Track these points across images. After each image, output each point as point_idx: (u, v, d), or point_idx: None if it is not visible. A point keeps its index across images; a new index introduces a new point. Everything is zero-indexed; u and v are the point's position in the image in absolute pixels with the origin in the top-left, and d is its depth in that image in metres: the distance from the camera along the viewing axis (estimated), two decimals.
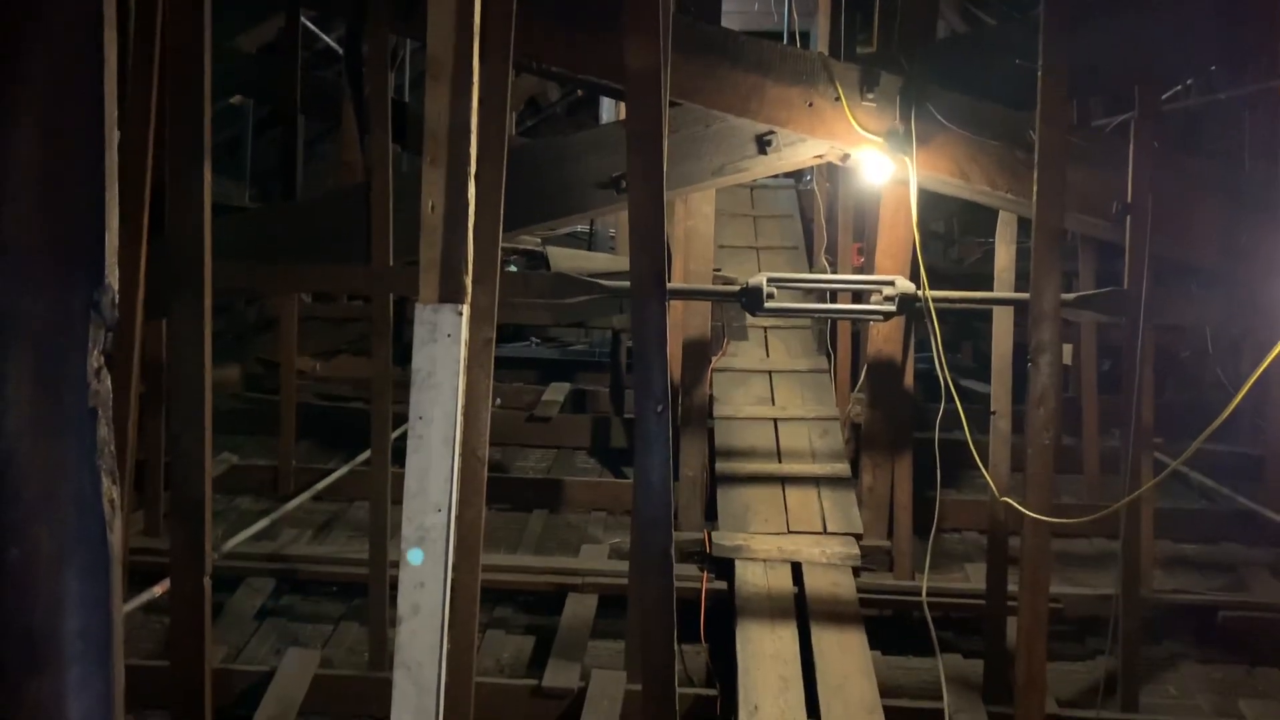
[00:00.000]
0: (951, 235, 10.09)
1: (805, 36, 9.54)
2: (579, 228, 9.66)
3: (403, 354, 5.69)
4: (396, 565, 3.08)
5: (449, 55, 3.11)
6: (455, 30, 3.10)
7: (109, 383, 0.92)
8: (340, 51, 8.54)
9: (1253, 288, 4.07)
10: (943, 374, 3.81)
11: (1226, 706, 4.17)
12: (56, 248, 0.89)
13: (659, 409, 2.76)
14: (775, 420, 5.71)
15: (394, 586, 3.25)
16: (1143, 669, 4.21)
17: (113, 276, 0.88)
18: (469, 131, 3.13)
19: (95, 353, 0.89)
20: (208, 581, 2.53)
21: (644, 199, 2.94)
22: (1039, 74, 3.18)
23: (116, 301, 0.90)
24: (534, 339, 10.08)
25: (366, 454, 5.62)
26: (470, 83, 3.11)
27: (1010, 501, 3.31)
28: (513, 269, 8.94)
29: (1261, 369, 3.01)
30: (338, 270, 4.60)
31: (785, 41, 9.81)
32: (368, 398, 7.13)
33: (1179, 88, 7.37)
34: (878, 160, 4.20)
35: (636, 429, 2.91)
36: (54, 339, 0.89)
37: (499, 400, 7.96)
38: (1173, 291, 4.36)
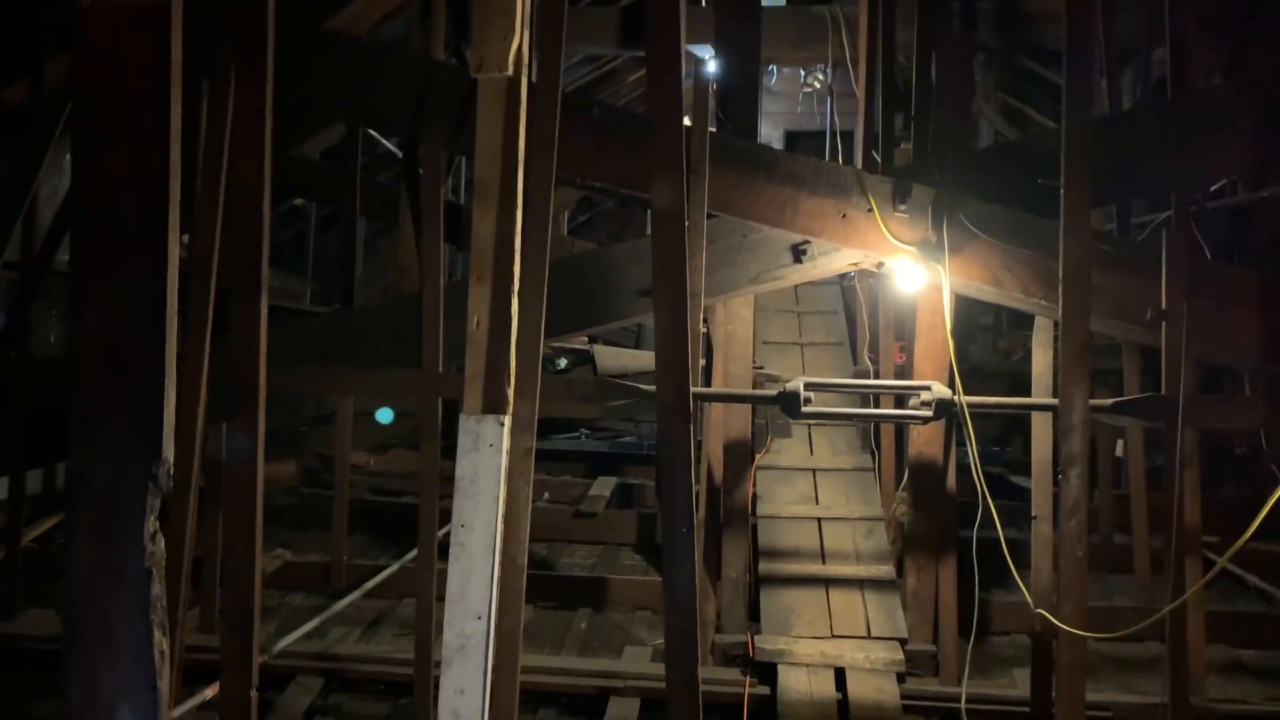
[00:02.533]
0: (1000, 327, 10.11)
1: (848, 136, 9.74)
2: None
3: (452, 448, 5.84)
4: (440, 666, 3.15)
5: (495, 180, 3.30)
6: (501, 157, 3.30)
7: (163, 545, 1.04)
8: (399, 154, 8.92)
9: None
10: (979, 481, 3.84)
11: None
12: (123, 427, 1.02)
13: (684, 530, 2.83)
14: (819, 520, 5.72)
15: (439, 687, 3.32)
16: None
17: (169, 451, 1.01)
18: (513, 251, 3.30)
19: (152, 518, 1.01)
20: (254, 694, 2.63)
21: (669, 326, 3.06)
22: (1061, 192, 3.27)
23: (171, 473, 1.02)
24: (584, 431, 10.22)
25: (415, 551, 5.73)
26: (514, 206, 3.30)
27: (1044, 614, 3.31)
28: (562, 364, 9.12)
29: None
30: (390, 375, 4.76)
31: (828, 140, 10.05)
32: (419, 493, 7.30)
33: (1224, 182, 7.40)
34: (911, 268, 4.30)
35: (664, 547, 2.98)
36: (118, 505, 1.02)
37: (546, 494, 8.06)
38: (1213, 395, 4.35)
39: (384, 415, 7.15)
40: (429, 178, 4.59)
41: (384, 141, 9.86)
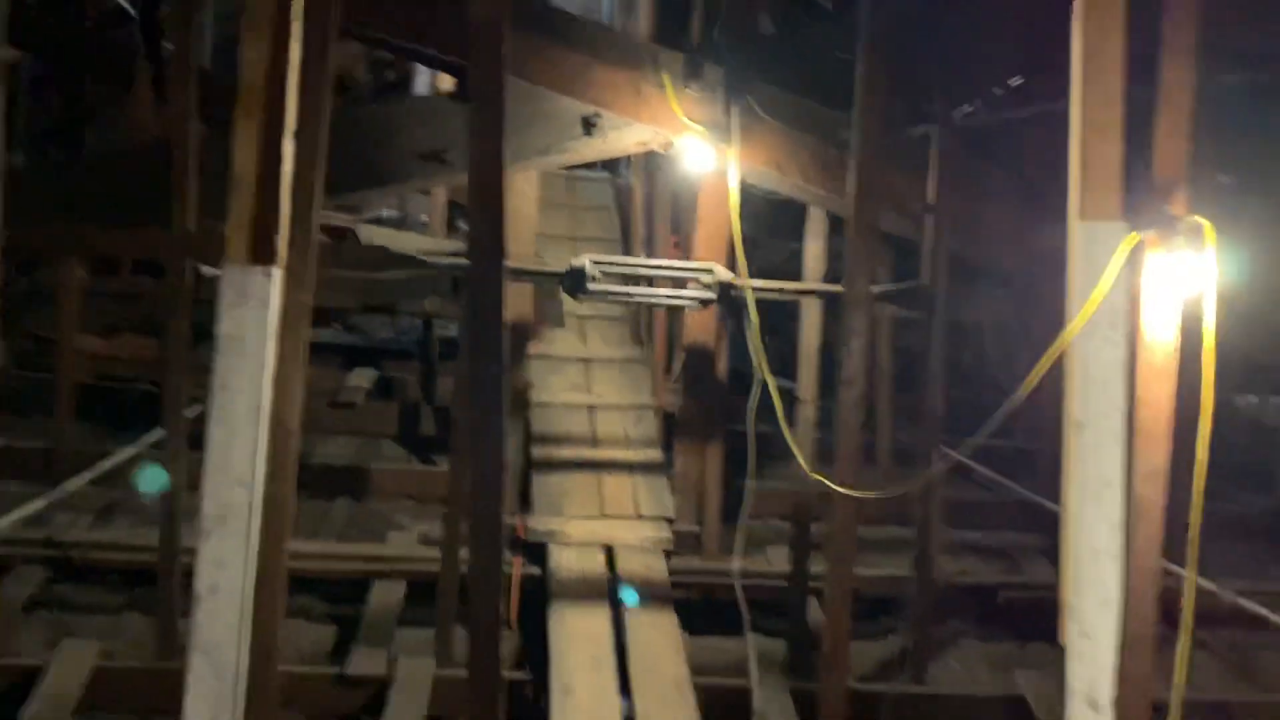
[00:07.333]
0: (758, 239, 10.44)
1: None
2: (386, 212, 9.33)
3: (197, 334, 5.33)
4: (190, 552, 2.86)
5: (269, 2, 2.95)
6: None
7: None
8: (131, 11, 7.97)
9: (1037, 286, 4.40)
10: (760, 360, 3.90)
11: (1003, 677, 4.46)
12: None
13: (495, 372, 2.69)
14: (591, 407, 5.73)
15: (186, 574, 3.05)
16: (930, 646, 4.44)
17: None
18: (287, 83, 2.97)
19: None
20: None
21: (485, 157, 2.87)
22: (857, 72, 3.32)
23: None
24: (337, 325, 9.68)
25: (154, 436, 5.23)
26: (290, 30, 2.96)
27: (821, 478, 3.44)
28: None
29: (1044, 366, 3.22)
30: (133, 233, 4.26)
31: None
32: (153, 380, 6.66)
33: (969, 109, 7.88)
34: (700, 149, 4.27)
35: (472, 396, 2.83)
36: None
37: None
38: (967, 290, 4.64)
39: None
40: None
41: None
